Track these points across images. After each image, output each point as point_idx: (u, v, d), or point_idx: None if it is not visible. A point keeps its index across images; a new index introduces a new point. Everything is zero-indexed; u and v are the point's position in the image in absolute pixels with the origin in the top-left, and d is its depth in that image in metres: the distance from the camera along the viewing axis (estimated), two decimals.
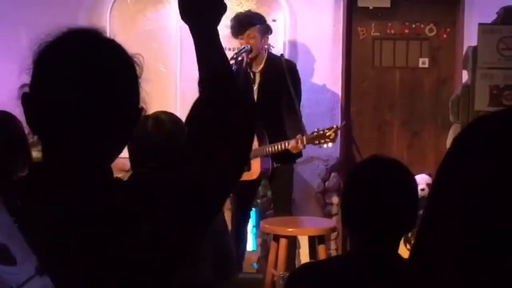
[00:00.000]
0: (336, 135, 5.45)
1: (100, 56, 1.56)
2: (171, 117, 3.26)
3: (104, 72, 1.54)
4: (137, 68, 1.59)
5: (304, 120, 5.90)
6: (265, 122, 5.66)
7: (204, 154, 1.62)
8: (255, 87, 5.86)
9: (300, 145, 5.50)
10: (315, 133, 5.48)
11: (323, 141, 5.45)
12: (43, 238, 1.40)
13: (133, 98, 1.58)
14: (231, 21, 5.89)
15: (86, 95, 1.49)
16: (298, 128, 5.63)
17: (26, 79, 1.54)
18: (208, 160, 1.62)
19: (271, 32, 6.00)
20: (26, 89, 1.53)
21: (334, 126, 5.50)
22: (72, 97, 1.49)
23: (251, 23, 5.84)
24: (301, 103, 6.03)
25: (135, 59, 1.60)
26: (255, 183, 5.92)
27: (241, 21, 5.85)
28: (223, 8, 1.72)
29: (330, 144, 5.49)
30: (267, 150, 5.67)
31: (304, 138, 5.47)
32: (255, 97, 5.82)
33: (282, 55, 6.08)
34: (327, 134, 5.43)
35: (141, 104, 1.60)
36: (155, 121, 3.15)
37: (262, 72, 5.88)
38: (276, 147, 5.62)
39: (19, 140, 3.16)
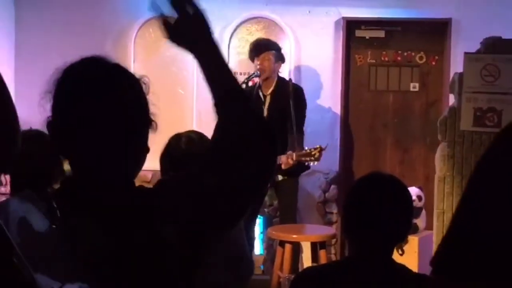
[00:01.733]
0: (319, 154, 5.47)
1: (112, 77, 1.55)
2: (202, 137, 3.20)
3: (116, 91, 1.54)
4: (144, 86, 1.59)
5: (308, 137, 5.91)
6: None
7: (228, 160, 1.57)
8: (265, 109, 5.86)
9: (290, 161, 5.51)
10: (304, 151, 5.51)
11: (308, 159, 5.49)
12: (81, 246, 1.40)
13: (144, 112, 1.57)
14: (250, 45, 6.01)
15: (102, 113, 1.49)
16: (293, 144, 5.66)
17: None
18: (231, 166, 1.56)
19: (284, 61, 6.04)
20: (50, 118, 1.54)
21: (318, 146, 5.49)
22: (90, 117, 1.49)
23: (268, 47, 5.90)
24: (306, 122, 6.01)
25: (143, 80, 1.59)
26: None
27: (260, 44, 5.94)
28: (208, 28, 1.64)
29: (315, 163, 5.54)
30: None
31: (293, 155, 5.49)
32: (265, 116, 5.82)
33: (290, 79, 6.09)
34: (312, 153, 5.46)
35: (152, 117, 1.59)
36: (187, 140, 3.10)
37: (272, 95, 5.88)
38: None
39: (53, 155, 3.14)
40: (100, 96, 1.50)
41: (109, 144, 1.51)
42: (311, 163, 5.51)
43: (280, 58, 5.98)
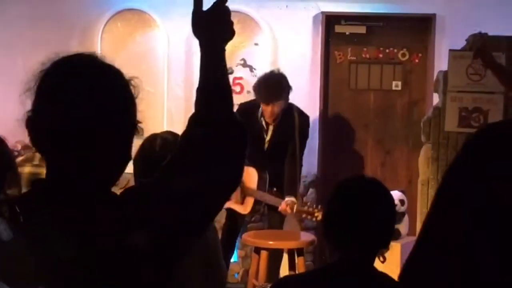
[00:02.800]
0: (322, 218, 5.55)
1: (98, 78, 1.55)
2: (178, 138, 3.18)
3: (102, 93, 1.53)
4: (133, 89, 1.61)
5: None
6: (269, 166, 5.78)
7: (196, 168, 1.62)
8: (267, 139, 5.83)
9: (289, 211, 5.57)
10: (306, 208, 5.58)
11: (309, 217, 5.56)
12: (44, 252, 1.39)
13: (130, 116, 1.59)
14: (259, 86, 5.70)
15: (85, 115, 1.49)
16: (294, 184, 5.75)
17: (25, 101, 1.53)
18: (199, 174, 1.61)
19: (291, 90, 5.77)
20: (30, 114, 1.53)
21: (322, 209, 5.53)
22: (72, 118, 1.48)
23: (281, 97, 5.64)
24: None
25: (132, 81, 1.60)
26: (244, 217, 5.94)
27: (273, 93, 5.65)
28: (231, 34, 1.79)
29: (314, 221, 5.62)
30: (263, 198, 5.73)
31: (295, 207, 5.51)
32: (265, 147, 5.83)
33: (294, 105, 5.88)
34: (315, 214, 5.49)
35: (138, 122, 1.62)
36: (163, 141, 3.09)
37: (276, 127, 5.81)
38: (270, 201, 5.68)
39: (7, 160, 3.12)
40: (85, 98, 1.50)
41: (90, 149, 1.51)
42: (309, 220, 5.67)
43: (289, 95, 5.73)
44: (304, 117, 5.93)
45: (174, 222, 1.55)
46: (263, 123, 5.81)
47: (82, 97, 1.50)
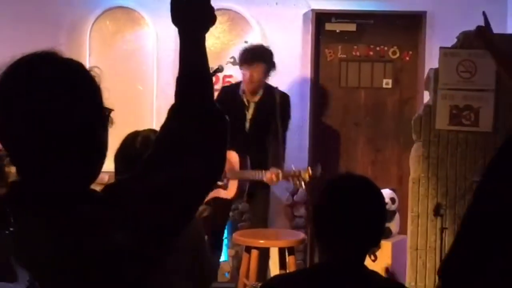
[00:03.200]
0: (310, 180, 5.47)
1: (58, 73, 1.52)
2: None
3: (64, 88, 1.51)
4: (96, 79, 1.57)
5: None
6: (250, 148, 5.78)
7: (175, 162, 1.60)
8: (249, 118, 5.82)
9: (274, 179, 5.49)
10: (292, 172, 5.48)
11: (296, 180, 5.47)
12: (33, 252, 1.39)
13: (96, 107, 1.56)
14: (244, 50, 5.86)
15: (51, 113, 1.47)
16: (278, 159, 5.66)
17: None
18: (179, 167, 1.59)
19: (275, 69, 5.90)
20: None
21: (309, 170, 5.48)
22: (38, 117, 1.46)
23: (262, 59, 5.76)
24: None
25: (92, 72, 1.57)
26: (230, 202, 5.92)
27: (254, 53, 5.79)
28: (212, 19, 1.71)
29: (302, 185, 5.51)
30: (246, 176, 5.66)
31: (280, 174, 5.46)
32: (247, 126, 5.81)
33: (277, 88, 5.97)
34: (302, 175, 5.43)
35: (107, 112, 1.58)
36: (144, 139, 3.09)
37: (257, 104, 5.84)
38: (253, 176, 5.62)
39: None
40: (48, 95, 1.48)
41: (59, 146, 1.49)
42: (297, 184, 5.54)
43: (271, 68, 5.83)
44: (285, 96, 5.98)
45: (155, 218, 1.54)
46: (244, 99, 5.84)
47: (45, 95, 1.47)
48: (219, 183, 5.85)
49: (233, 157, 5.73)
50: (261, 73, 5.75)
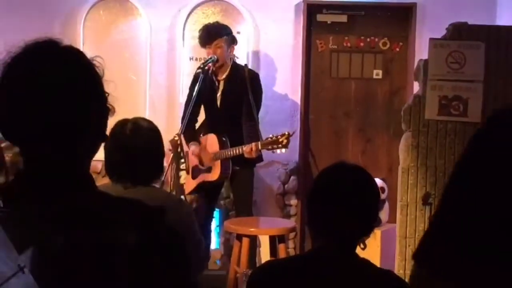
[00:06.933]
0: (288, 141, 5.36)
1: (58, 64, 1.51)
2: (150, 125, 3.21)
3: (63, 79, 1.49)
4: (98, 70, 1.56)
5: (266, 126, 5.88)
6: (227, 127, 5.76)
7: None
8: (219, 94, 5.83)
9: (253, 151, 5.45)
10: (269, 139, 5.40)
11: (276, 146, 5.37)
12: (26, 238, 1.38)
13: (97, 99, 1.55)
14: (199, 31, 5.93)
15: (48, 104, 1.46)
16: (254, 134, 5.60)
17: None
18: None
19: (236, 43, 5.97)
20: None
21: (286, 133, 5.41)
22: (36, 108, 1.46)
23: (218, 34, 5.82)
24: (264, 110, 6.03)
25: (95, 62, 1.56)
26: (217, 184, 5.92)
27: (210, 32, 5.84)
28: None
29: (283, 150, 5.38)
30: (226, 153, 5.65)
31: (259, 144, 5.42)
32: (218, 103, 5.81)
33: (246, 65, 6.01)
34: (280, 140, 5.35)
35: (109, 104, 1.58)
36: (134, 126, 3.10)
37: (226, 80, 5.84)
38: (232, 152, 5.60)
39: None
40: (50, 82, 1.47)
41: (60, 134, 1.48)
42: (278, 151, 5.41)
43: (232, 42, 5.92)
44: (254, 72, 6.00)
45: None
46: (214, 78, 5.87)
47: (47, 82, 1.47)
48: (202, 167, 5.87)
49: (211, 138, 5.76)
50: (223, 48, 5.80)
